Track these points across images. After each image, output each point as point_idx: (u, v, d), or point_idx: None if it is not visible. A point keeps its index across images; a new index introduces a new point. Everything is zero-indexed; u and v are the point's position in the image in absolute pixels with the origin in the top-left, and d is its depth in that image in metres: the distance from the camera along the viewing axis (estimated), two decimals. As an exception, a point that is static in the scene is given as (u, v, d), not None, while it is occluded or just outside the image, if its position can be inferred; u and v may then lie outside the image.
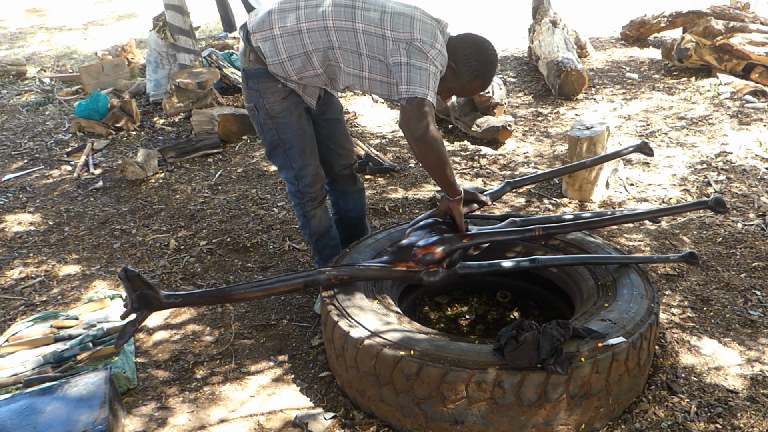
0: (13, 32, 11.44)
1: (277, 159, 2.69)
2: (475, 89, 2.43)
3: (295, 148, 2.62)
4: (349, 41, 2.34)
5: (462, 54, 2.33)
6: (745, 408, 2.24)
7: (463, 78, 2.37)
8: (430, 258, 2.35)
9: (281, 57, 2.40)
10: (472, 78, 2.37)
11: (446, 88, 2.42)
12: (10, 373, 2.44)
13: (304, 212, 2.78)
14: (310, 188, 2.71)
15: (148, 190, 4.42)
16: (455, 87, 2.42)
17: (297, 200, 2.76)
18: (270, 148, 2.68)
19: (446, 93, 2.46)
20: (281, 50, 2.40)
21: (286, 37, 2.38)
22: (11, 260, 3.58)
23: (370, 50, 2.33)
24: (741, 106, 5.28)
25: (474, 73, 2.35)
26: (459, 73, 2.35)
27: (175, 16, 6.09)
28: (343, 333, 2.18)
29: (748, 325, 2.70)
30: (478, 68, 2.35)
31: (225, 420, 2.29)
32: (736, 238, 3.39)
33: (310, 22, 2.35)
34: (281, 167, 2.72)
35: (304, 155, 2.65)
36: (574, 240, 2.74)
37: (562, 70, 5.88)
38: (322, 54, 2.38)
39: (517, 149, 4.88)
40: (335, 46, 2.36)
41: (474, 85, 2.40)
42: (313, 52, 2.38)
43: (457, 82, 2.39)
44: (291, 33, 2.37)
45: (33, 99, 6.85)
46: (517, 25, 9.02)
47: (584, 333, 2.07)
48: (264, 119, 2.59)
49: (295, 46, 2.38)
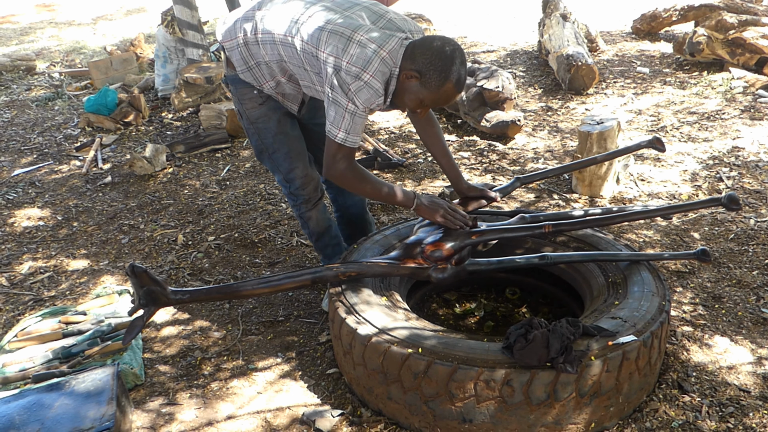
0: (23, 27, 11.48)
1: (265, 162, 2.70)
2: (449, 94, 2.15)
3: (279, 152, 2.61)
4: (294, 56, 2.30)
5: (422, 61, 2.09)
6: (757, 407, 2.21)
7: (431, 85, 2.12)
8: (438, 255, 2.33)
9: (249, 64, 2.41)
10: (442, 81, 2.10)
11: (418, 101, 2.19)
12: (18, 369, 2.45)
13: (300, 213, 2.79)
14: (301, 191, 2.70)
15: (157, 185, 4.42)
16: (428, 98, 2.16)
17: (292, 202, 2.78)
18: (257, 153, 2.69)
19: (419, 105, 2.22)
20: (247, 58, 2.40)
21: (250, 46, 2.38)
22: (20, 255, 3.59)
23: (312, 67, 2.26)
24: (753, 100, 5.22)
25: (441, 75, 2.09)
26: (426, 81, 2.11)
27: (183, 11, 6.09)
28: (351, 330, 2.17)
29: (760, 323, 2.67)
30: (444, 69, 2.08)
31: (232, 416, 2.29)
32: (749, 234, 3.35)
33: (263, 35, 2.33)
34: (271, 170, 2.74)
35: (289, 159, 2.62)
36: (583, 236, 2.71)
37: (572, 65, 5.83)
38: (277, 65, 2.38)
39: (527, 144, 4.85)
40: (284, 59, 2.34)
41: (447, 89, 2.12)
42: (270, 62, 2.38)
43: (428, 92, 2.14)
44: (252, 42, 2.37)
45: (42, 94, 6.87)
46: (527, 19, 8.96)
47: (594, 331, 2.04)
48: (246, 125, 2.60)
49: (256, 54, 2.38)
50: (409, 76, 2.14)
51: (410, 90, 2.17)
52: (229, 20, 2.48)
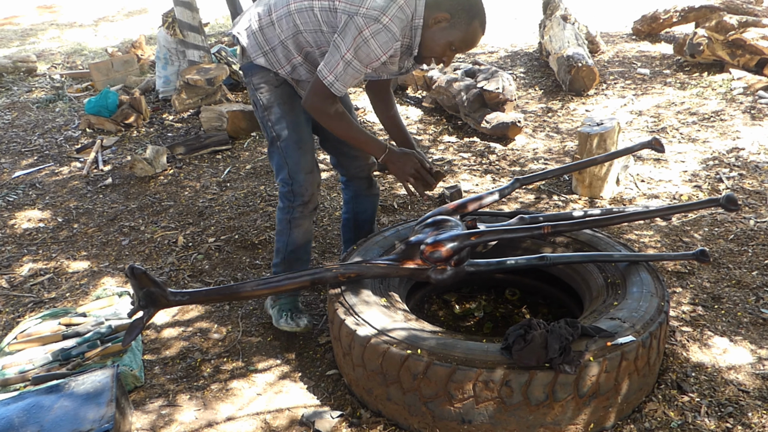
0: (25, 29, 11.50)
1: (274, 156, 2.59)
2: (476, 33, 2.25)
3: (289, 140, 2.52)
4: (311, 21, 2.30)
5: (448, 3, 2.19)
6: (756, 407, 2.21)
7: (461, 25, 2.21)
8: (438, 255, 2.33)
9: (264, 49, 2.42)
10: (470, 20, 2.21)
11: (448, 44, 2.26)
12: (17, 370, 2.45)
13: (290, 218, 2.62)
14: (304, 190, 2.56)
15: (157, 186, 4.43)
16: (457, 38, 2.24)
17: (287, 202, 2.61)
18: (269, 145, 2.60)
19: (447, 49, 2.28)
20: (262, 43, 2.41)
21: (265, 29, 2.39)
22: (20, 257, 3.60)
23: (328, 26, 2.28)
24: (754, 101, 5.22)
25: (470, 13, 2.21)
26: (456, 21, 2.21)
27: (184, 13, 6.10)
28: (350, 331, 2.17)
29: (759, 323, 2.67)
30: (471, 7, 2.21)
31: (232, 418, 2.29)
32: (748, 235, 3.35)
33: (278, 11, 2.36)
34: (277, 168, 2.60)
35: (298, 149, 2.53)
36: (583, 237, 2.72)
37: (572, 66, 5.83)
38: (293, 41, 2.37)
39: (527, 145, 4.85)
40: (301, 29, 2.34)
41: (474, 27, 2.23)
42: (286, 40, 2.37)
43: (458, 32, 2.22)
44: (266, 25, 2.39)
45: (43, 96, 6.88)
46: (528, 21, 8.96)
47: (593, 332, 2.04)
48: (261, 113, 2.55)
49: (272, 37, 2.39)
50: (439, 19, 2.22)
51: (439, 34, 2.24)
52: (244, 13, 2.55)
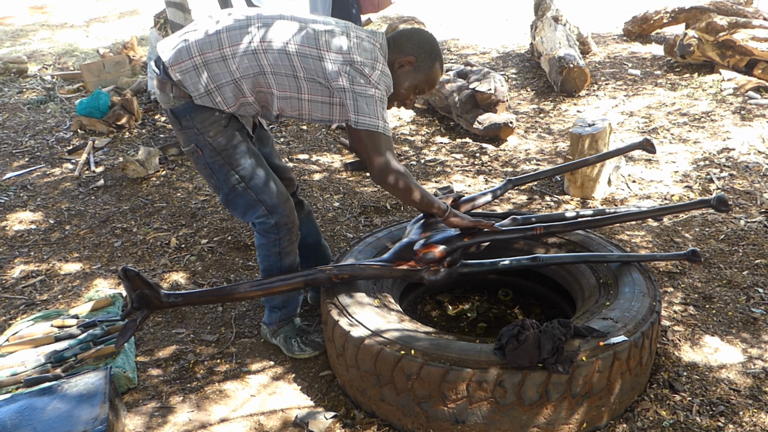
0: (16, 29, 11.43)
1: (240, 201, 2.35)
2: (437, 74, 2.32)
3: (257, 178, 2.32)
4: (283, 64, 2.13)
5: (410, 46, 2.24)
6: (747, 406, 2.23)
7: (424, 68, 2.27)
8: (431, 257, 2.34)
9: (209, 87, 2.15)
10: (432, 62, 2.28)
11: (412, 87, 2.30)
12: (10, 373, 2.44)
13: (279, 250, 2.45)
14: (287, 217, 2.41)
15: (149, 188, 4.42)
16: (421, 81, 2.29)
17: (272, 237, 2.42)
18: (227, 191, 2.34)
19: (412, 92, 2.33)
20: (207, 80, 2.14)
21: (211, 65, 2.13)
22: (12, 259, 3.58)
23: (307, 73, 2.14)
24: (744, 102, 5.26)
25: (431, 56, 2.27)
26: (419, 64, 2.26)
27: (176, 14, 6.07)
28: (344, 332, 2.18)
29: (750, 322, 2.69)
30: (431, 49, 2.27)
31: (226, 419, 2.29)
32: (739, 235, 3.37)
33: (235, 46, 2.12)
34: (247, 210, 2.37)
35: (269, 181, 2.35)
36: (575, 237, 2.73)
37: (564, 67, 5.86)
38: (251, 80, 2.16)
39: (519, 146, 4.86)
40: (267, 71, 2.14)
41: (435, 69, 2.30)
42: (242, 79, 2.15)
43: (422, 75, 2.28)
44: (215, 60, 2.13)
45: (34, 97, 6.84)
46: (519, 22, 8.99)
47: (586, 332, 2.06)
48: (211, 158, 2.28)
49: (222, 73, 2.14)
50: (403, 63, 2.26)
51: (405, 77, 2.28)
52: (173, 41, 2.20)
